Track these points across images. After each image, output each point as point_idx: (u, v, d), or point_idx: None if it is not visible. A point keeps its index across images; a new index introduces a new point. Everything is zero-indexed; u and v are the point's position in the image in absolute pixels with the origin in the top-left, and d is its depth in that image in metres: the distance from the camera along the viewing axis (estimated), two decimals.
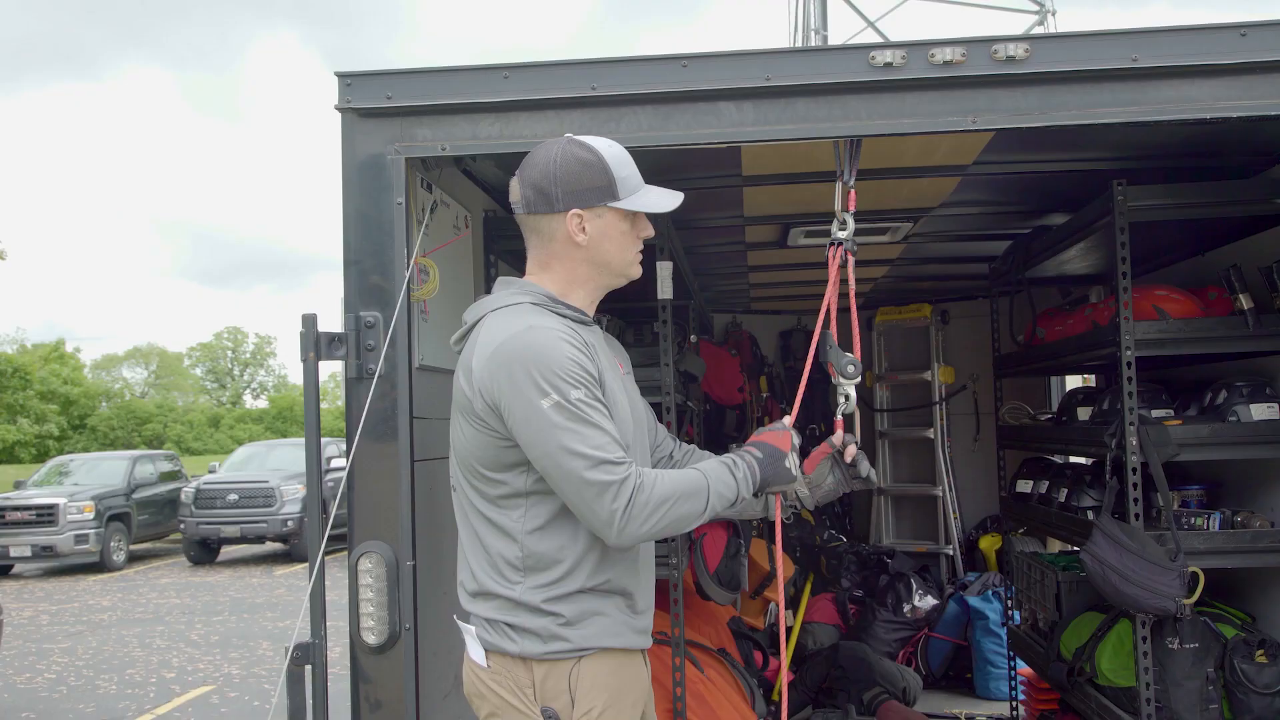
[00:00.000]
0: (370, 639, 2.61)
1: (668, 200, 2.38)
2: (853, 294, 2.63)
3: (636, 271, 2.43)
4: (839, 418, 2.56)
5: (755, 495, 2.37)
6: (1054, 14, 22.38)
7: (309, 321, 2.62)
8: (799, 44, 19.55)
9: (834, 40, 20.23)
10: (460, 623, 2.38)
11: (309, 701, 2.57)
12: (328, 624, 2.64)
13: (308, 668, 2.57)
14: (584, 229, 2.30)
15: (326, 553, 2.58)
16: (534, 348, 2.16)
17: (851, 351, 2.56)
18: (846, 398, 2.56)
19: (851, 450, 2.49)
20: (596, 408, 2.16)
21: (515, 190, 2.36)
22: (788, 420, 2.46)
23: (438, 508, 2.93)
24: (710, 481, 2.24)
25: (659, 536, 2.22)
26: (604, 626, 2.27)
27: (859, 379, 2.56)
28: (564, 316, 2.30)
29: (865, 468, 2.49)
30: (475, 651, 2.32)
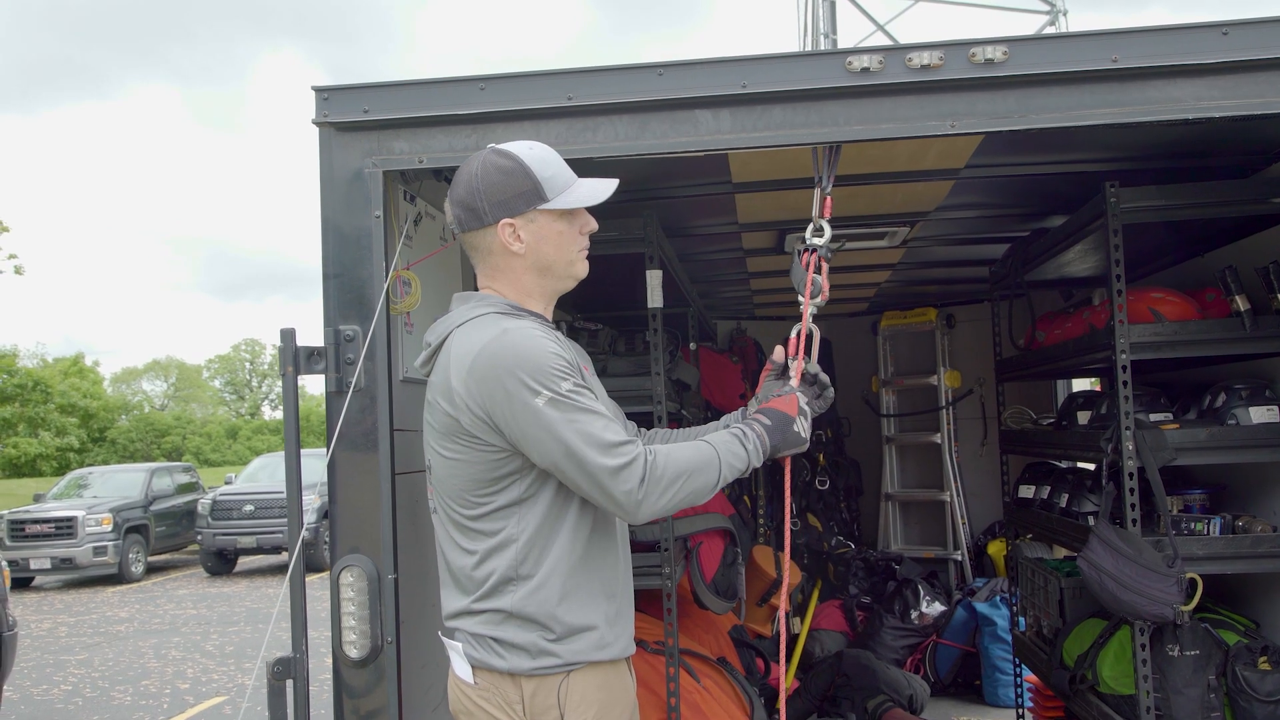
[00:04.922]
0: (352, 653, 2.60)
1: (599, 190, 2.34)
2: (826, 297, 2.63)
3: (582, 270, 2.40)
4: (791, 336, 2.56)
5: (766, 462, 2.41)
6: (1065, 14, 22.27)
7: (287, 336, 2.62)
8: (809, 49, 19.53)
9: (844, 45, 20.21)
10: (445, 639, 2.36)
11: (290, 716, 2.56)
12: (313, 637, 2.64)
13: (289, 682, 2.56)
14: (519, 237, 2.29)
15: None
16: (514, 349, 2.15)
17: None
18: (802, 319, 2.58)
19: (780, 354, 2.52)
20: (587, 395, 2.17)
21: (448, 212, 2.35)
22: (794, 379, 2.50)
23: (420, 521, 2.92)
24: (721, 454, 2.26)
25: (675, 511, 2.26)
26: (592, 640, 2.25)
27: (820, 300, 2.60)
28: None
29: (821, 377, 2.55)
30: (461, 669, 2.30)
